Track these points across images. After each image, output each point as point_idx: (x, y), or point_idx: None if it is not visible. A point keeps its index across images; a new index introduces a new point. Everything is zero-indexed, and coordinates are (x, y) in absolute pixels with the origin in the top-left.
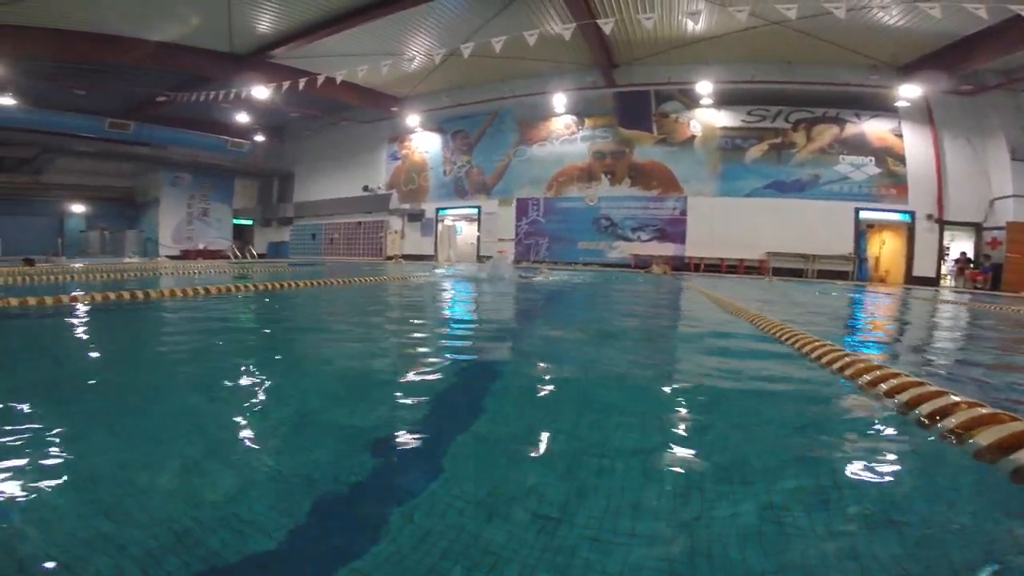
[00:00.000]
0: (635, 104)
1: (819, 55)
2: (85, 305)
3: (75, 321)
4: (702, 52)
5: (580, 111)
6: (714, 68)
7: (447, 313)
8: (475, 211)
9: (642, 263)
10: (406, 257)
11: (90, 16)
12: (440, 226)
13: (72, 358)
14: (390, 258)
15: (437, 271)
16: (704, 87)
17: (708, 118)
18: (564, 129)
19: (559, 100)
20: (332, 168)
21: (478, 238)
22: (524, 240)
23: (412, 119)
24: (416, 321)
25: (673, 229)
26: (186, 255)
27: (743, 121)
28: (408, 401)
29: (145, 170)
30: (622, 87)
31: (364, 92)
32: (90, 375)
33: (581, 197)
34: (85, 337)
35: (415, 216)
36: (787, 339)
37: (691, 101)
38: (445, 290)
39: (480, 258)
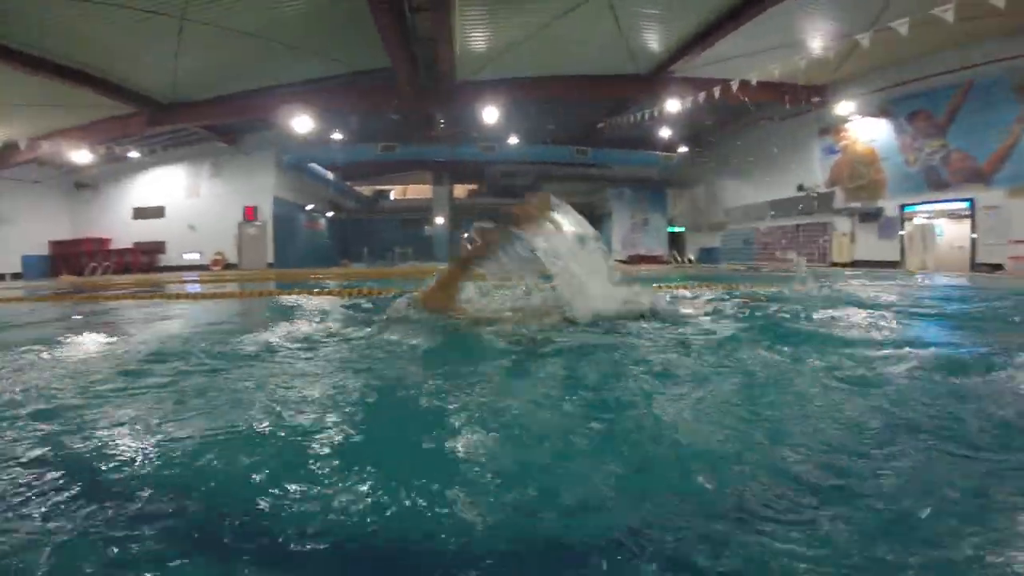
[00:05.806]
0: None
1: None
2: None
3: None
4: None
5: None
6: None
7: None
8: (964, 205)
9: None
10: (857, 264)
11: (555, 62)
12: (908, 226)
13: None
14: (836, 264)
15: None
16: None
17: None
18: None
19: None
20: (756, 170)
21: (973, 240)
22: None
23: (843, 107)
24: None
25: None
26: (631, 260)
27: None
28: None
29: (597, 188)
30: None
31: (772, 88)
32: None
33: None
34: None
35: (868, 215)
36: None
37: None
38: None
39: (976, 266)
